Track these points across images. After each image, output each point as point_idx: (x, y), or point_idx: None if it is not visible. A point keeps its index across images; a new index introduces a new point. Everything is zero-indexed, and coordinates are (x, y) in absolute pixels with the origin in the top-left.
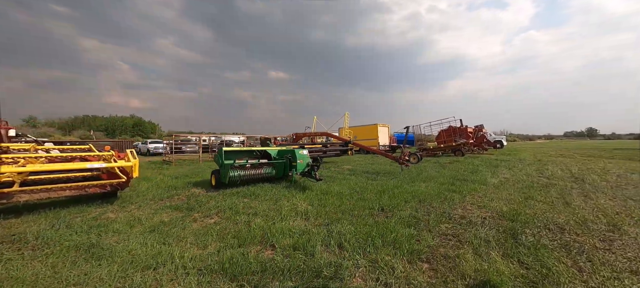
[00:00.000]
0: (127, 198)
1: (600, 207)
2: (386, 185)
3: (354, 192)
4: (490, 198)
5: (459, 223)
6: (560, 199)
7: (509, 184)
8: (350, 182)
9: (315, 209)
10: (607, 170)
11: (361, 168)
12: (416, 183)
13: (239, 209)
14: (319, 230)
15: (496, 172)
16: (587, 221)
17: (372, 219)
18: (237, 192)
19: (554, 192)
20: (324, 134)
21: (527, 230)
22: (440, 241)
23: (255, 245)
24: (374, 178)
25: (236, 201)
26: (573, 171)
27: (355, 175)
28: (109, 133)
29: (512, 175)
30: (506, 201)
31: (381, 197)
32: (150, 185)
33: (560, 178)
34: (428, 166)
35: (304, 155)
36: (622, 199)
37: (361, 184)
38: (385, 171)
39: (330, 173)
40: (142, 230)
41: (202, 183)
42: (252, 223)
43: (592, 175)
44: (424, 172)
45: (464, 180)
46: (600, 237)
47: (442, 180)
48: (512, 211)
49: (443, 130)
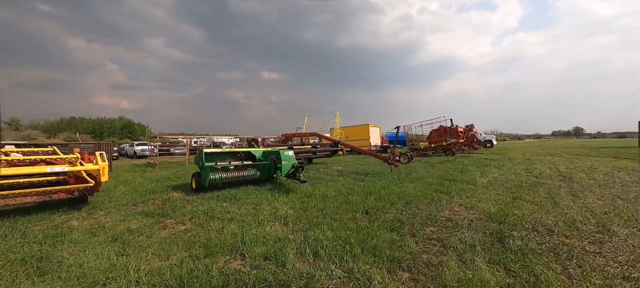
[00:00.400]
0: (99, 203)
1: (588, 207)
2: (373, 186)
3: (340, 194)
4: (478, 199)
5: (444, 226)
6: (548, 199)
7: (497, 184)
8: (337, 183)
9: (296, 213)
10: (594, 168)
11: (350, 169)
12: (404, 184)
13: (215, 214)
14: (296, 236)
15: (485, 171)
16: (576, 222)
17: (355, 223)
18: (217, 196)
19: (543, 191)
20: (313, 134)
21: (514, 233)
22: (424, 246)
23: (224, 255)
24: (362, 179)
25: (214, 205)
26: (561, 170)
27: (343, 176)
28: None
29: (501, 174)
30: (494, 201)
31: (367, 199)
32: (128, 190)
33: (548, 177)
34: (418, 166)
35: (289, 157)
36: (610, 198)
37: (348, 186)
38: (374, 172)
39: (319, 174)
40: (104, 239)
41: (183, 187)
42: (225, 230)
43: (580, 173)
44: (413, 172)
45: (453, 180)
46: (589, 239)
47: (430, 180)
48: (500, 212)
49: (434, 130)
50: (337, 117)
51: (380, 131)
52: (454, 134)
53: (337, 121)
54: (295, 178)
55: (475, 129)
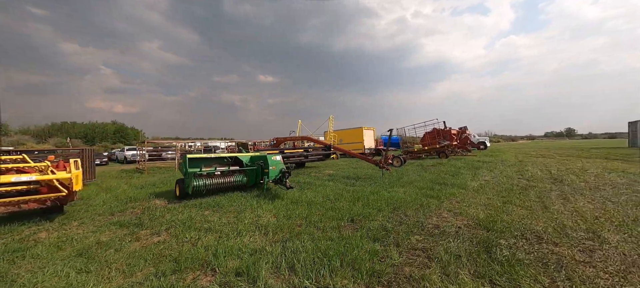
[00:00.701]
0: (74, 213)
1: (579, 211)
2: (363, 191)
3: (327, 200)
4: (468, 204)
5: (431, 234)
6: (538, 203)
7: (488, 187)
8: (326, 188)
9: (279, 222)
10: (585, 170)
11: (342, 173)
12: (394, 189)
13: (194, 224)
14: (274, 248)
15: (477, 174)
16: (566, 227)
17: (338, 233)
18: (200, 203)
19: (533, 194)
20: (304, 138)
21: (502, 241)
22: (408, 258)
23: (194, 271)
24: (353, 184)
25: (195, 214)
26: (552, 172)
27: (333, 181)
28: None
29: (493, 177)
30: (484, 206)
31: (354, 206)
32: (108, 197)
33: (539, 179)
34: (410, 169)
35: (276, 162)
36: (601, 201)
37: (337, 191)
38: (366, 176)
39: (309, 179)
40: (68, 254)
41: (167, 194)
42: (201, 241)
43: (571, 175)
44: (405, 176)
45: (444, 184)
46: (580, 246)
47: (421, 184)
48: (489, 218)
49: (427, 133)
50: (330, 120)
51: (375, 134)
52: (447, 136)
53: (331, 124)
54: (282, 184)
55: (468, 131)
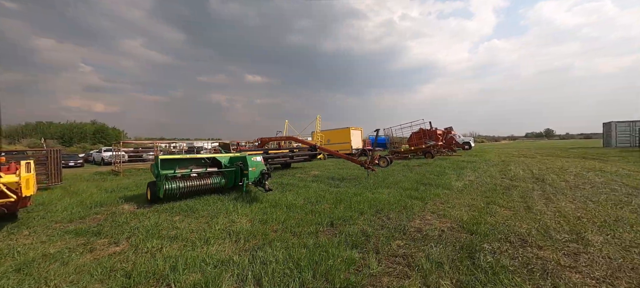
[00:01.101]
0: (28, 220)
1: (561, 211)
2: (346, 193)
3: (308, 202)
4: (452, 205)
5: (413, 238)
6: (522, 203)
7: (472, 187)
8: (309, 190)
9: (253, 227)
10: (565, 169)
11: (327, 174)
12: (379, 190)
13: (159, 231)
14: (243, 258)
15: (462, 174)
16: (549, 229)
17: (315, 239)
18: (172, 208)
19: (516, 195)
20: (289, 138)
21: (486, 246)
22: (387, 266)
23: (147, 287)
24: (337, 185)
25: (163, 220)
26: (534, 171)
27: (318, 182)
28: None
29: (477, 177)
30: (468, 207)
31: (336, 209)
32: (73, 202)
33: (522, 179)
34: (396, 170)
35: (257, 163)
36: (582, 201)
37: (319, 193)
38: (352, 177)
39: (293, 180)
40: (5, 270)
41: (139, 198)
42: (163, 251)
43: (552, 175)
44: (390, 176)
45: (429, 185)
46: (564, 250)
47: (406, 185)
48: (473, 220)
49: (414, 133)
50: (317, 120)
51: (362, 134)
52: (433, 137)
53: (318, 124)
54: (261, 186)
55: (454, 132)
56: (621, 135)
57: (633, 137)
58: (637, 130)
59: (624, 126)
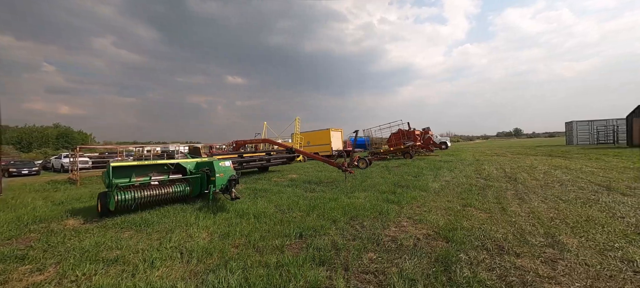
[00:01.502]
0: None
1: (535, 212)
2: (322, 198)
3: (279, 210)
4: (428, 209)
5: (387, 249)
6: (497, 204)
7: (449, 188)
8: (282, 196)
9: (211, 243)
10: (534, 168)
11: (305, 178)
12: (355, 194)
13: (99, 252)
14: (189, 284)
15: (438, 175)
16: (525, 233)
17: (279, 255)
18: (123, 222)
19: (491, 195)
20: (265, 141)
21: (462, 256)
22: (355, 286)
23: None
24: (313, 189)
25: (108, 237)
26: (506, 170)
27: (293, 186)
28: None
29: (453, 177)
30: (444, 211)
31: (308, 217)
32: (7, 218)
33: (496, 178)
34: (375, 171)
35: (225, 168)
36: (553, 200)
37: (293, 199)
38: (330, 180)
39: (268, 185)
40: None
41: (89, 211)
42: (94, 280)
43: (523, 173)
44: (368, 178)
45: (406, 187)
46: (541, 256)
47: (384, 187)
48: (449, 225)
49: (393, 134)
50: (297, 122)
51: (342, 135)
52: (411, 137)
53: (297, 126)
54: (228, 194)
55: (431, 132)
56: (581, 134)
57: (592, 135)
58: (595, 129)
59: (584, 125)
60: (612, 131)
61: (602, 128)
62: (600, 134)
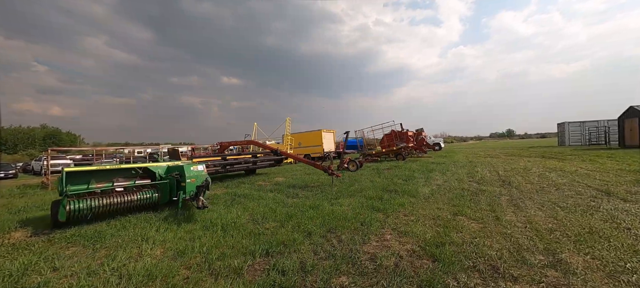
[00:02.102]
0: None
1: (532, 222)
2: (302, 205)
3: (252, 221)
4: (416, 218)
5: (363, 272)
6: (490, 212)
7: (440, 193)
8: (260, 202)
9: (161, 263)
10: (528, 170)
11: (291, 182)
12: (340, 200)
13: (21, 277)
14: None
15: (430, 178)
16: (522, 249)
17: (234, 280)
18: (75, 234)
19: (484, 201)
20: (250, 142)
21: (451, 282)
22: None
23: None
24: (296, 195)
25: (48, 255)
26: (500, 173)
27: (276, 191)
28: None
29: (445, 181)
30: (433, 221)
31: (281, 228)
32: None
33: (489, 182)
34: (365, 174)
35: (197, 173)
36: (551, 207)
37: (272, 206)
38: (317, 183)
39: (250, 190)
40: None
41: (44, 221)
42: None
43: (517, 176)
44: (356, 182)
45: (395, 192)
46: (542, 281)
47: (371, 192)
48: (438, 238)
49: (386, 135)
50: (287, 123)
51: (335, 137)
52: (404, 138)
53: (288, 127)
54: (196, 201)
55: (424, 133)
56: (573, 135)
57: (583, 136)
58: (586, 130)
59: (576, 126)
60: (603, 132)
61: (593, 129)
62: (591, 135)
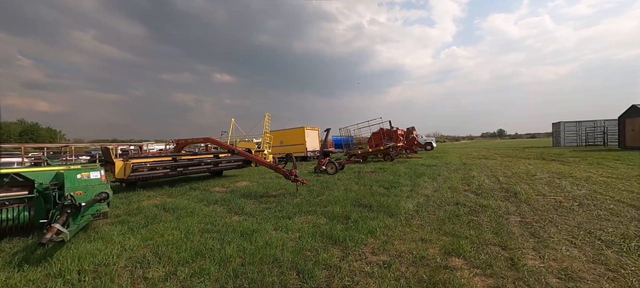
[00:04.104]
0: None
1: (574, 276)
2: (236, 228)
3: (140, 260)
4: (388, 258)
5: None
6: (500, 250)
7: (428, 210)
8: (185, 222)
9: None
10: (532, 175)
11: (254, 188)
12: (292, 220)
13: None
14: None
15: (417, 185)
16: None
17: None
18: None
19: (488, 226)
20: (207, 140)
21: None
22: None
23: None
24: (242, 209)
25: None
26: (500, 179)
27: (222, 203)
28: None
29: (435, 190)
30: (413, 267)
31: (164, 283)
32: None
33: (489, 192)
34: (343, 178)
35: (86, 182)
36: (588, 240)
37: (194, 229)
38: (282, 191)
39: (190, 199)
40: None
41: None
42: None
43: (522, 184)
44: (328, 190)
45: (369, 208)
46: None
47: (338, 208)
48: None
49: (374, 133)
50: (266, 119)
51: (319, 134)
52: (393, 137)
53: (267, 123)
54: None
55: (415, 132)
56: (569, 135)
57: (579, 136)
58: (583, 130)
59: (572, 126)
60: (601, 132)
61: (590, 129)
62: (588, 135)
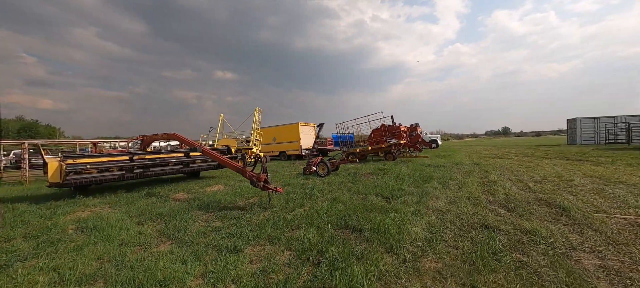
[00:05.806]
0: None
1: None
2: (147, 271)
3: None
4: None
5: None
6: None
7: (446, 239)
8: (86, 252)
9: None
10: (569, 181)
11: (225, 194)
12: (238, 256)
13: None
14: None
15: (425, 194)
16: None
17: None
18: None
19: (552, 280)
20: (171, 136)
21: None
22: None
23: None
24: (181, 230)
25: None
26: (530, 186)
27: (169, 217)
28: None
29: (450, 202)
30: None
31: None
32: None
33: (525, 207)
34: (335, 182)
35: None
36: None
37: (92, 266)
38: (254, 199)
39: (137, 210)
40: None
41: None
42: None
43: (565, 194)
44: (309, 199)
45: (359, 233)
46: None
47: (312, 236)
48: None
49: (374, 130)
50: (256, 113)
51: (315, 131)
52: (395, 134)
53: (257, 118)
54: None
55: (419, 129)
56: (586, 132)
57: (597, 134)
58: (602, 127)
59: (589, 122)
60: (625, 129)
61: (610, 126)
62: (609, 133)
